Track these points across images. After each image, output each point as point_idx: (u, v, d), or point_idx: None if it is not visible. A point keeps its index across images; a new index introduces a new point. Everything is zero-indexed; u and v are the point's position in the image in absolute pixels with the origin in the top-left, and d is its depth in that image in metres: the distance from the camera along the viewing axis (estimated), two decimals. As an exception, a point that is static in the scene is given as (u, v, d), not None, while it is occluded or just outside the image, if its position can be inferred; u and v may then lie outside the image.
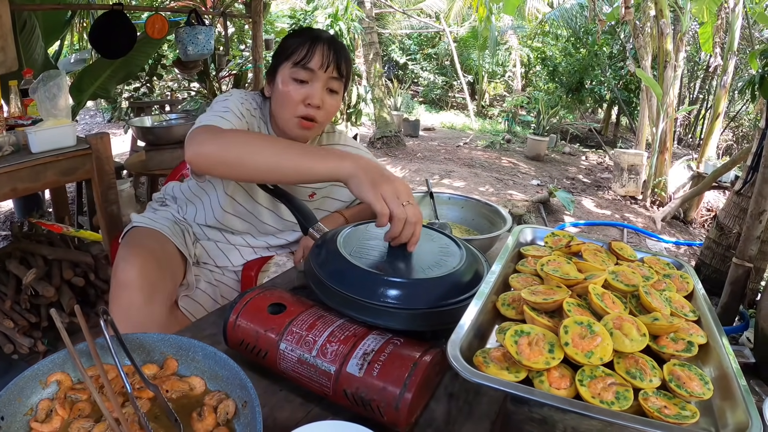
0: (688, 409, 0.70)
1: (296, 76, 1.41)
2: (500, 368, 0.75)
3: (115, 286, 1.37)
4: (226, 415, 0.78)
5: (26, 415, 0.77)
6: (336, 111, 1.50)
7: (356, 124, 9.04)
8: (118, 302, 1.34)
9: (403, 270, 1.05)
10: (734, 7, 6.37)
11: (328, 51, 1.41)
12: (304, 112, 1.43)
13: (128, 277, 1.35)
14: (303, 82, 1.41)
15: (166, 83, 9.78)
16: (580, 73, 10.92)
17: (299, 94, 1.41)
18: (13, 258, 2.56)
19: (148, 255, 1.43)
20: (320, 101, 1.42)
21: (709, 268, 4.26)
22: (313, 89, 1.41)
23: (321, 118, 1.46)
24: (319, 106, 1.43)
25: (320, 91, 1.42)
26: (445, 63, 15.36)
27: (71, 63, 5.70)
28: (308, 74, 1.41)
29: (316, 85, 1.41)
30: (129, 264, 1.37)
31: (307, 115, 1.43)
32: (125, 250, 1.45)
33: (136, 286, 1.34)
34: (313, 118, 1.44)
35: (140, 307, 1.34)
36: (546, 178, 8.17)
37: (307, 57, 1.40)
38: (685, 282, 1.05)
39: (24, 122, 2.40)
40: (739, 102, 11.22)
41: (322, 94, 1.42)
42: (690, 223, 6.56)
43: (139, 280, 1.35)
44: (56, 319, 0.82)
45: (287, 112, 1.45)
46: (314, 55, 1.40)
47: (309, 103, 1.42)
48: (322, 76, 1.41)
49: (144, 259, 1.40)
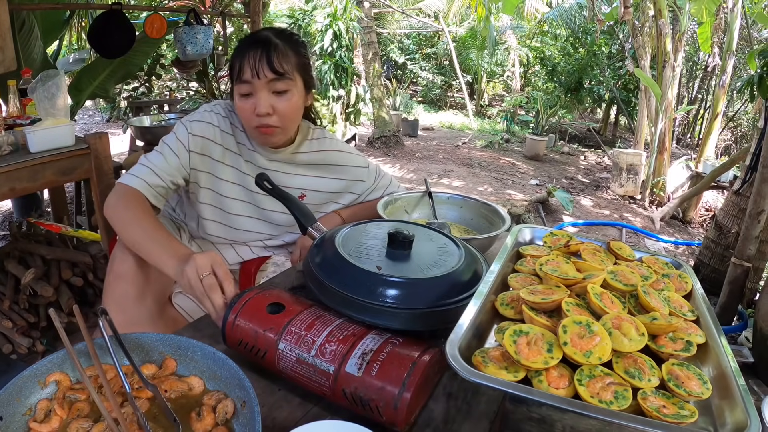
0: (686, 409, 0.70)
1: (241, 92, 1.43)
2: (499, 368, 0.75)
3: (110, 276, 1.39)
4: (224, 414, 0.78)
5: (25, 415, 0.77)
6: (294, 109, 1.49)
7: (355, 123, 9.04)
8: (112, 293, 1.37)
9: (401, 270, 1.05)
10: (733, 7, 6.37)
11: (257, 56, 1.40)
12: (258, 122, 1.44)
13: (123, 268, 1.38)
14: (248, 95, 1.43)
15: (165, 83, 9.78)
16: (578, 73, 10.91)
17: (248, 108, 1.43)
18: (11, 258, 2.56)
19: None
20: (267, 108, 1.42)
21: (708, 267, 4.26)
22: (257, 98, 1.42)
23: (278, 122, 1.46)
24: (269, 113, 1.43)
25: (264, 98, 1.42)
26: (444, 63, 15.37)
27: (70, 62, 5.69)
28: (248, 87, 1.42)
29: (259, 94, 1.41)
30: (125, 255, 1.39)
31: (261, 124, 1.44)
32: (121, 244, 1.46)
33: (130, 278, 1.37)
34: (268, 124, 1.45)
35: (134, 300, 1.36)
36: (545, 177, 8.17)
37: (241, 70, 1.41)
38: (683, 281, 1.05)
39: (22, 122, 2.40)
40: (737, 102, 11.21)
41: (266, 101, 1.42)
42: (689, 222, 6.56)
43: (133, 272, 1.37)
44: (55, 319, 0.82)
45: (247, 126, 1.50)
46: (245, 67, 1.40)
47: (258, 113, 1.42)
48: (259, 83, 1.41)
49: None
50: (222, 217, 1.62)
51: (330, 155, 1.67)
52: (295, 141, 1.62)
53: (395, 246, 1.11)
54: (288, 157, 1.61)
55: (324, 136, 1.69)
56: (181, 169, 1.49)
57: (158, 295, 1.45)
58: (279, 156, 1.59)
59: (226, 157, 1.56)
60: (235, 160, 1.57)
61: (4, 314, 2.35)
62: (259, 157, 1.58)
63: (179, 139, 1.50)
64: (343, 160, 1.69)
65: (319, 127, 1.72)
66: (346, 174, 1.70)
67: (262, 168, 1.58)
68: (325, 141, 1.68)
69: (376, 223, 1.28)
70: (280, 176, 1.60)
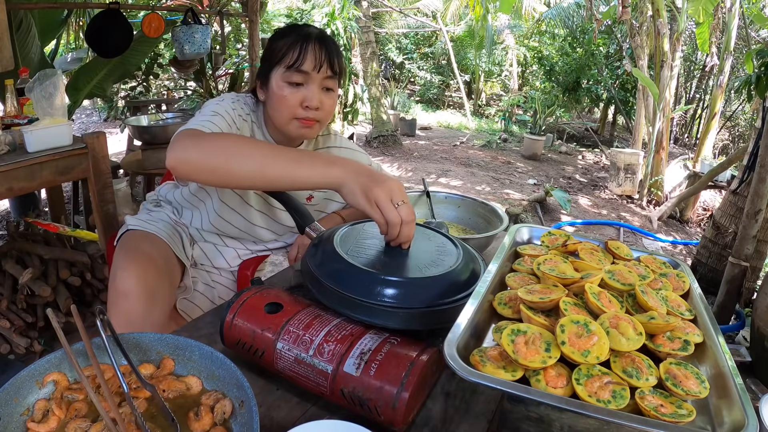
0: (684, 408, 0.70)
1: (290, 80, 1.37)
2: (497, 367, 0.75)
3: (113, 294, 1.34)
4: (223, 414, 0.78)
5: (23, 415, 0.77)
6: (334, 108, 1.47)
7: (353, 123, 9.03)
8: (117, 311, 1.31)
9: (399, 269, 1.05)
10: (731, 7, 6.39)
11: (319, 50, 1.37)
12: (303, 114, 1.39)
13: (127, 286, 1.32)
14: (298, 84, 1.38)
15: (163, 82, 9.76)
16: (576, 73, 10.92)
17: (296, 98, 1.38)
18: (9, 258, 2.56)
19: (146, 261, 1.40)
20: (318, 102, 1.39)
21: (706, 267, 4.27)
22: (310, 91, 1.38)
23: (321, 118, 1.43)
24: (317, 108, 1.40)
25: (317, 92, 1.38)
26: (442, 62, 15.37)
27: (67, 62, 5.68)
28: (303, 77, 1.37)
29: (312, 87, 1.38)
30: (127, 272, 1.34)
31: (307, 117, 1.40)
32: (122, 256, 1.42)
33: (135, 295, 1.31)
34: (313, 118, 1.41)
35: (140, 316, 1.30)
36: (542, 177, 8.18)
37: (299, 59, 1.36)
38: (681, 281, 1.05)
39: (20, 121, 2.39)
40: (735, 101, 11.25)
41: (319, 95, 1.39)
42: (686, 222, 6.57)
43: (137, 288, 1.32)
44: (52, 318, 0.82)
45: (285, 116, 1.41)
46: (306, 57, 1.36)
47: (307, 105, 1.38)
48: (317, 77, 1.38)
49: (142, 266, 1.37)
50: (240, 207, 1.60)
51: (335, 152, 1.67)
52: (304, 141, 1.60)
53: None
54: None
55: (329, 133, 1.69)
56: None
57: (165, 306, 1.41)
58: None
59: None
60: None
61: (1, 314, 2.35)
62: None
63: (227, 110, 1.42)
64: (348, 156, 1.68)
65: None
66: None
67: None
68: (330, 138, 1.69)
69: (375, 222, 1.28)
70: None
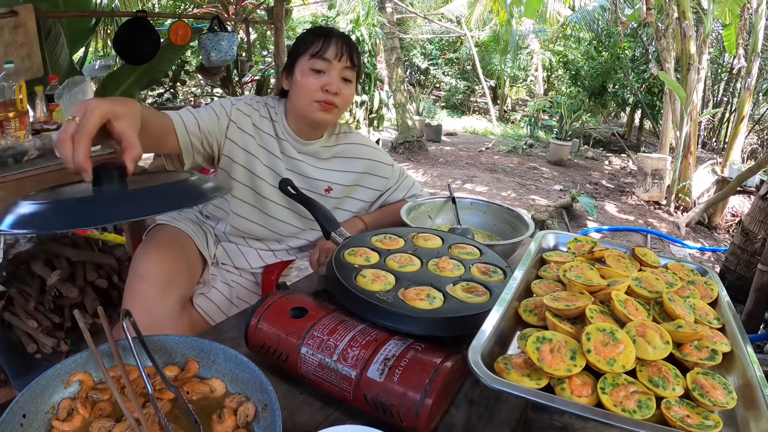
0: (711, 419, 0.69)
1: (314, 67, 1.52)
2: (521, 375, 0.75)
3: (132, 276, 1.42)
4: (245, 417, 0.78)
5: (48, 413, 0.79)
6: (351, 99, 1.62)
7: (378, 129, 9.05)
8: (133, 292, 1.40)
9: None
10: (757, 8, 6.27)
11: (341, 43, 1.53)
12: (323, 97, 1.52)
13: (145, 269, 1.42)
14: (320, 71, 1.52)
15: (190, 89, 9.88)
16: (602, 77, 10.82)
17: (318, 83, 1.52)
18: (37, 259, 2.60)
19: (167, 250, 1.51)
20: (337, 88, 1.53)
21: (734, 274, 4.19)
22: (330, 77, 1.52)
23: (339, 104, 1.55)
24: (337, 93, 1.53)
25: (337, 79, 1.53)
26: (467, 67, 15.34)
27: (96, 69, 5.79)
28: (325, 64, 1.52)
29: (333, 73, 1.52)
30: (148, 257, 1.45)
31: (326, 100, 1.53)
32: (146, 244, 1.53)
33: (152, 278, 1.40)
34: (332, 102, 1.54)
35: (154, 299, 1.38)
36: (569, 183, 8.11)
37: (323, 48, 1.52)
38: (709, 289, 1.03)
39: (49, 127, 2.44)
40: (763, 104, 11.01)
41: (338, 82, 1.53)
42: (714, 228, 6.45)
43: (155, 273, 1.41)
44: (79, 320, 0.83)
45: (307, 99, 1.54)
46: (329, 47, 1.52)
47: (327, 89, 1.52)
48: (337, 65, 1.53)
49: (163, 253, 1.48)
50: (255, 200, 1.65)
51: (355, 148, 1.75)
52: (324, 135, 1.69)
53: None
54: (316, 150, 1.67)
55: (350, 131, 1.79)
56: (218, 132, 1.55)
57: (180, 296, 1.47)
58: (308, 148, 1.66)
59: (262, 137, 1.61)
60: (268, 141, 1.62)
61: (29, 314, 2.39)
62: (290, 147, 1.63)
63: (223, 105, 1.58)
64: (369, 154, 1.76)
65: (345, 124, 1.81)
66: (370, 168, 1.75)
67: (291, 157, 1.64)
68: (351, 135, 1.77)
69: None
70: (307, 168, 1.66)
